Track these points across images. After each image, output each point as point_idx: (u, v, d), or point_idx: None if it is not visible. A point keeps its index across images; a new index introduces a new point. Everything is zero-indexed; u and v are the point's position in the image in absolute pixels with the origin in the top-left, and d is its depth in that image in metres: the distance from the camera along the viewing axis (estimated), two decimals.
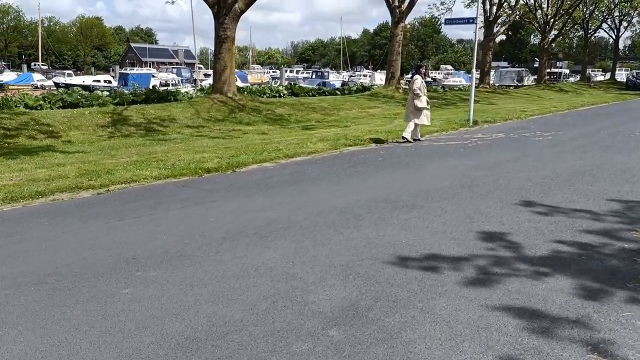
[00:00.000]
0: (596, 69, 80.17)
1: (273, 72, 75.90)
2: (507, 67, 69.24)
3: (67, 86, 40.60)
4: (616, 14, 48.64)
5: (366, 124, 17.38)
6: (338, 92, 29.85)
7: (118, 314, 3.66)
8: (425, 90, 13.14)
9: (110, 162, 9.42)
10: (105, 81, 46.78)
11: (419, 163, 9.75)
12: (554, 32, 44.32)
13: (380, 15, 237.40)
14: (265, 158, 10.25)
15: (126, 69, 57.44)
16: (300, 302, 3.84)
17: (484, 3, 33.76)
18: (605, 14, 47.21)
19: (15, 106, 15.01)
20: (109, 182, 7.84)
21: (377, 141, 12.75)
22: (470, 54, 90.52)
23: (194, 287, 4.09)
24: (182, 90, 22.61)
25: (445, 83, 63.75)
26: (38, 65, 74.61)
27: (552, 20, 40.90)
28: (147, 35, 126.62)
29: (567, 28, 47.52)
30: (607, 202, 6.89)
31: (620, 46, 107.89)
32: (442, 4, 36.56)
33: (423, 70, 13.37)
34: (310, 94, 27.49)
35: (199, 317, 3.62)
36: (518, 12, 39.12)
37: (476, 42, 17.50)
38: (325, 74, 65.28)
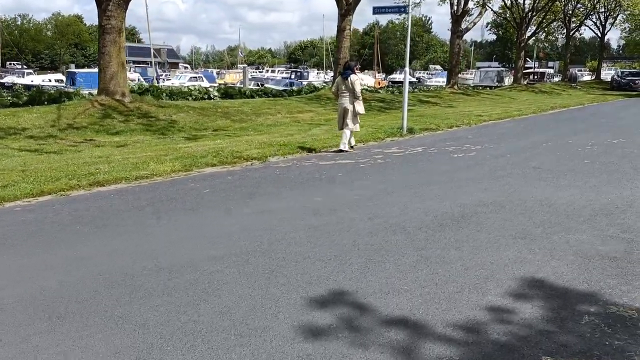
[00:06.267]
0: (584, 69, 77.11)
1: (258, 71, 73.25)
2: (497, 67, 66.69)
3: (13, 86, 37.73)
4: (601, 10, 45.53)
5: (275, 132, 14.45)
6: (285, 94, 26.96)
7: None
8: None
9: None
10: (56, 80, 43.98)
11: (245, 201, 6.79)
12: (532, 28, 41.28)
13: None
14: (55, 188, 7.37)
15: (71, 67, 54.98)
16: None
17: None
18: (588, 10, 44.05)
19: None
20: None
21: (264, 157, 10.00)
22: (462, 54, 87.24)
23: None
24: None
25: (428, 83, 61.12)
26: (12, 64, 71.93)
27: (527, 15, 37.82)
28: (131, 34, 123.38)
29: (546, 24, 44.42)
30: (455, 294, 3.96)
31: (614, 45, 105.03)
32: None
33: (357, 69, 11.17)
34: (248, 95, 24.60)
35: None
36: (489, 7, 36.16)
37: (409, 34, 14.51)
38: (305, 74, 62.64)
